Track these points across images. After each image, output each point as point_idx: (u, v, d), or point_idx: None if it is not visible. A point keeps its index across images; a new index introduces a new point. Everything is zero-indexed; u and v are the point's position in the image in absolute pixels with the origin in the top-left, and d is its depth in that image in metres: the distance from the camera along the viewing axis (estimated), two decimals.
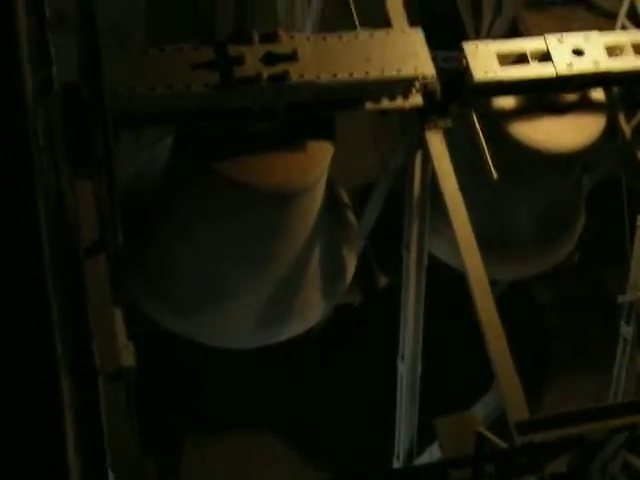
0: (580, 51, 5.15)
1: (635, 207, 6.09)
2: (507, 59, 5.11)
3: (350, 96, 4.82)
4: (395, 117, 5.70)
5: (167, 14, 8.53)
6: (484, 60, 5.03)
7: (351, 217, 5.91)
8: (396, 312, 5.43)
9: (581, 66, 5.10)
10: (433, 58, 4.98)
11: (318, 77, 4.55)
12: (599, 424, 4.04)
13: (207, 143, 4.72)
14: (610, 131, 5.92)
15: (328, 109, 4.93)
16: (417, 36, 4.92)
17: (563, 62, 5.08)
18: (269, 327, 5.39)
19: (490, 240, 5.63)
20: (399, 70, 4.77)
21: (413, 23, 5.29)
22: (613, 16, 5.99)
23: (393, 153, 6.10)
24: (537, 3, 7.70)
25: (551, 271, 6.64)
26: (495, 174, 5.05)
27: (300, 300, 5.40)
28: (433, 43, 5.26)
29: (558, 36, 5.15)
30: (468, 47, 5.06)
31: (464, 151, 5.34)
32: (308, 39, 4.65)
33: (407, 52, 4.85)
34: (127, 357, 3.52)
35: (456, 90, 5.13)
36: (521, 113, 5.52)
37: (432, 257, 5.55)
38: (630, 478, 4.03)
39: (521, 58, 5.12)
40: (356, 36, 4.82)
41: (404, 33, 4.91)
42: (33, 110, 2.71)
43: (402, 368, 5.35)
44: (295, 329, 5.49)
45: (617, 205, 6.66)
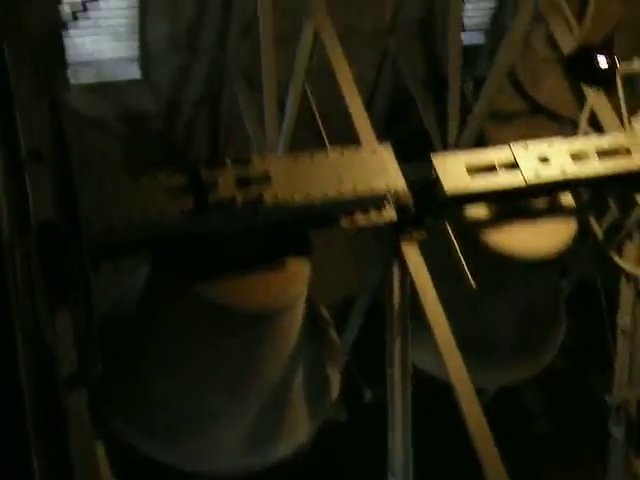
0: (546, 158, 5.27)
1: (613, 307, 6.13)
2: (476, 169, 5.20)
3: (325, 214, 4.88)
4: (370, 231, 5.75)
5: (142, 144, 8.70)
6: (453, 171, 5.13)
7: (332, 333, 5.89)
8: (384, 426, 5.36)
9: (548, 173, 5.20)
10: (403, 172, 5.07)
11: (292, 197, 4.62)
12: None
13: (184, 267, 4.73)
14: (583, 233, 6.00)
15: (303, 228, 4.98)
16: (386, 152, 5.02)
17: (531, 170, 5.19)
18: (256, 451, 5.29)
19: (473, 348, 5.60)
20: (371, 186, 4.85)
21: (381, 139, 5.42)
22: (575, 124, 6.16)
23: (370, 265, 6.15)
24: (500, 114, 7.94)
25: (537, 376, 6.62)
26: (473, 283, 5.09)
27: (286, 421, 5.32)
28: (402, 157, 5.40)
29: (523, 144, 5.27)
30: (437, 159, 5.16)
31: (441, 259, 5.38)
32: (280, 160, 4.74)
33: (378, 168, 4.94)
34: None
35: (428, 202, 5.20)
36: (494, 221, 5.60)
37: (416, 368, 5.52)
38: None
39: (489, 168, 5.22)
40: (327, 155, 4.91)
41: (374, 150, 5.01)
42: (9, 247, 2.73)
43: None
44: (283, 451, 5.39)
45: (596, 306, 6.72)
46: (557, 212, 5.66)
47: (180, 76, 8.58)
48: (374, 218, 4.97)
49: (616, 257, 5.98)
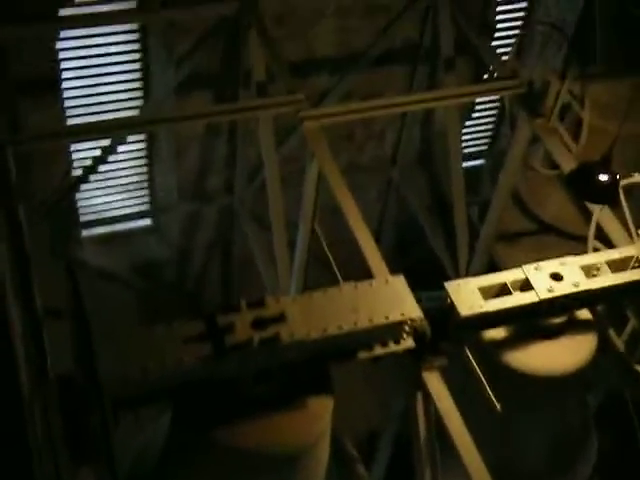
0: (559, 276, 5.28)
1: None
2: (490, 292, 5.21)
3: (342, 348, 4.87)
4: (389, 360, 5.73)
5: (155, 293, 8.78)
6: (468, 296, 5.13)
7: (360, 469, 5.78)
8: None
9: (562, 290, 5.20)
10: (418, 300, 5.08)
11: (308, 335, 4.62)
12: None
13: (205, 413, 4.69)
14: (604, 347, 5.95)
15: (322, 363, 4.96)
16: (400, 283, 5.05)
17: (544, 288, 5.19)
18: None
19: (504, 473, 5.47)
20: (387, 317, 4.85)
21: (393, 269, 5.47)
22: (582, 239, 6.21)
23: (393, 396, 6.08)
24: (508, 236, 8.03)
25: None
26: (498, 406, 5.02)
27: None
28: (416, 284, 5.43)
29: (535, 265, 5.30)
30: (450, 286, 5.18)
31: (464, 384, 5.33)
32: (294, 300, 4.76)
33: (392, 299, 4.95)
34: None
35: (445, 328, 5.19)
36: (513, 341, 5.57)
37: None
38: None
39: (503, 290, 5.23)
40: (340, 290, 4.93)
41: (387, 282, 5.04)
42: (29, 402, 2.73)
43: None
44: None
45: (626, 419, 6.58)
46: (575, 327, 5.63)
47: (190, 223, 8.75)
48: (392, 348, 4.95)
49: None
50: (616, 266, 5.47)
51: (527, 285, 5.24)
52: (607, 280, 5.37)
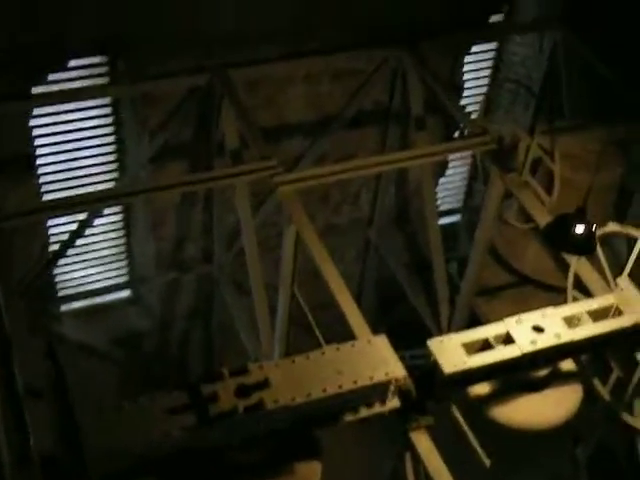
0: (540, 328, 5.30)
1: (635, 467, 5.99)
2: (473, 348, 5.21)
3: (328, 411, 4.84)
4: (376, 421, 5.69)
5: (136, 364, 8.70)
6: (451, 353, 5.13)
7: None
8: None
9: (544, 342, 5.21)
10: (402, 359, 5.07)
11: (293, 400, 4.59)
12: None
13: None
14: (590, 397, 5.94)
15: (308, 428, 4.92)
16: (382, 342, 5.04)
17: (526, 341, 5.20)
18: None
19: None
20: (371, 377, 4.83)
21: (375, 328, 5.47)
22: (561, 290, 6.25)
23: (382, 457, 6.01)
24: (488, 290, 8.06)
25: None
26: (487, 461, 4.98)
27: None
28: (399, 343, 5.42)
29: (516, 318, 5.31)
30: (433, 343, 5.17)
31: (452, 442, 5.29)
32: (277, 365, 4.74)
33: (376, 359, 4.94)
34: None
35: (430, 386, 5.18)
36: (498, 396, 5.54)
37: None
38: None
39: (486, 345, 5.24)
40: (323, 352, 4.92)
41: (369, 342, 5.03)
42: None
43: None
44: None
45: (617, 469, 6.54)
46: (560, 379, 5.62)
47: (170, 293, 8.73)
48: (378, 409, 4.93)
49: (627, 416, 5.90)
50: (597, 315, 5.50)
51: (509, 339, 5.25)
52: (589, 330, 5.39)
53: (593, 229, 5.52)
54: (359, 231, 9.21)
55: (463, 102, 8.72)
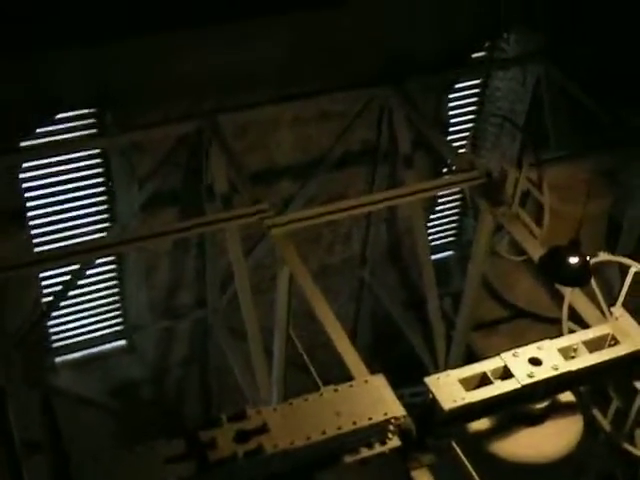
0: (537, 360, 5.29)
1: None
2: (471, 383, 5.20)
3: (327, 454, 4.80)
4: (377, 461, 5.65)
5: (134, 413, 8.64)
6: (449, 389, 5.11)
7: None
8: None
9: (542, 374, 5.20)
10: (400, 398, 5.05)
11: (292, 443, 4.56)
12: None
13: None
14: (590, 429, 5.92)
15: (309, 471, 4.88)
16: (380, 382, 5.02)
17: (524, 374, 5.19)
18: None
19: None
20: (370, 418, 4.80)
21: (373, 367, 5.45)
22: (556, 321, 6.25)
23: None
24: (484, 324, 8.06)
25: None
26: None
27: None
28: (397, 381, 5.41)
29: (513, 352, 5.30)
30: (431, 381, 5.15)
31: (454, 479, 5.26)
32: (275, 409, 4.71)
33: (374, 399, 4.92)
34: None
35: (429, 424, 5.15)
36: (498, 430, 5.53)
37: None
38: None
39: (484, 380, 5.22)
40: (321, 394, 4.90)
41: (367, 382, 5.01)
42: None
43: None
44: None
45: None
46: (560, 411, 5.60)
47: (165, 340, 8.70)
48: (378, 449, 4.89)
49: (628, 446, 5.87)
50: (593, 346, 5.50)
51: (507, 373, 5.24)
52: (585, 361, 5.39)
53: (588, 260, 5.54)
54: (352, 270, 9.22)
55: (450, 138, 8.79)
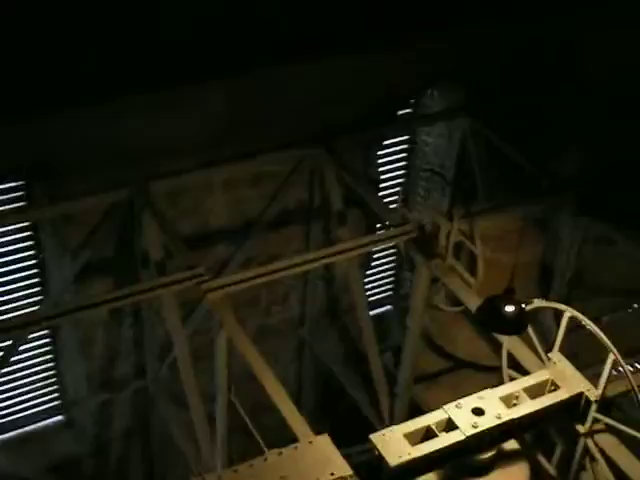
0: (480, 410, 5.33)
1: None
2: (416, 438, 5.20)
3: None
4: None
5: None
6: (394, 445, 5.11)
7: None
8: None
9: (486, 424, 5.24)
10: (347, 457, 5.02)
11: None
12: None
13: None
14: (537, 475, 5.94)
15: None
16: (325, 442, 5.00)
17: (468, 425, 5.23)
18: None
19: None
20: (317, 479, 4.76)
21: (318, 427, 5.40)
22: (497, 370, 6.30)
23: None
24: (426, 377, 8.08)
25: None
26: None
27: None
28: (343, 439, 5.37)
29: (456, 403, 5.33)
30: (376, 437, 5.16)
31: None
32: (219, 477, 4.65)
33: (320, 459, 4.89)
34: None
35: None
36: None
37: None
38: None
39: (428, 433, 5.23)
40: (266, 459, 4.84)
41: (312, 443, 4.97)
42: None
43: None
44: None
45: None
46: (505, 459, 5.62)
47: (104, 413, 8.51)
48: None
49: None
50: (534, 392, 5.56)
51: (451, 424, 5.26)
52: (527, 407, 5.45)
53: (523, 308, 5.62)
54: (292, 331, 9.18)
55: (381, 194, 8.89)
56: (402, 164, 9.12)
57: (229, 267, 8.03)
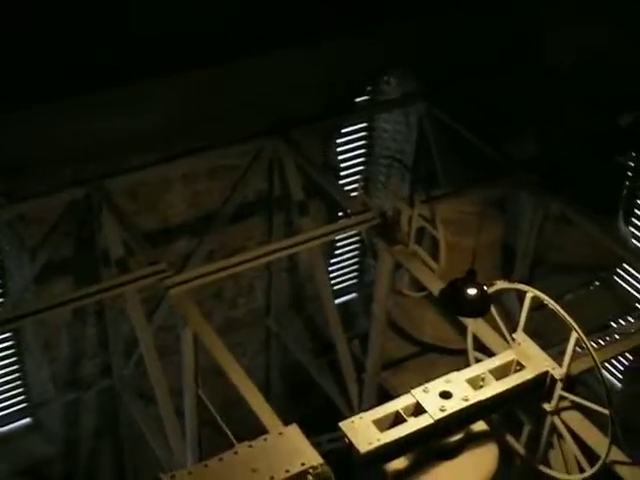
0: (448, 393, 5.35)
1: None
2: (385, 424, 5.21)
3: None
4: None
5: None
6: (364, 432, 5.11)
7: None
8: None
9: (453, 407, 5.26)
10: (318, 445, 5.02)
11: None
12: None
13: None
14: (506, 454, 5.99)
15: None
16: (295, 432, 4.98)
17: (436, 409, 5.24)
18: None
19: None
20: (288, 470, 4.76)
21: (287, 418, 5.40)
22: (463, 352, 6.34)
23: None
24: (393, 362, 8.10)
25: None
26: None
27: None
28: (314, 429, 5.38)
29: (423, 387, 5.35)
30: (345, 425, 5.15)
31: None
32: (190, 472, 4.62)
33: (290, 450, 4.87)
34: None
35: (348, 468, 5.13)
36: (417, 467, 5.53)
37: None
38: None
39: (397, 418, 5.24)
40: (236, 452, 4.82)
41: (281, 434, 4.96)
42: None
43: None
44: None
45: None
46: (475, 441, 5.65)
47: (72, 413, 8.46)
48: None
49: (544, 468, 5.96)
50: (499, 373, 5.59)
51: (419, 409, 5.27)
52: (494, 389, 5.47)
53: (485, 290, 5.65)
54: (258, 322, 9.17)
55: (342, 182, 8.89)
56: (361, 151, 9.13)
57: (192, 261, 7.99)
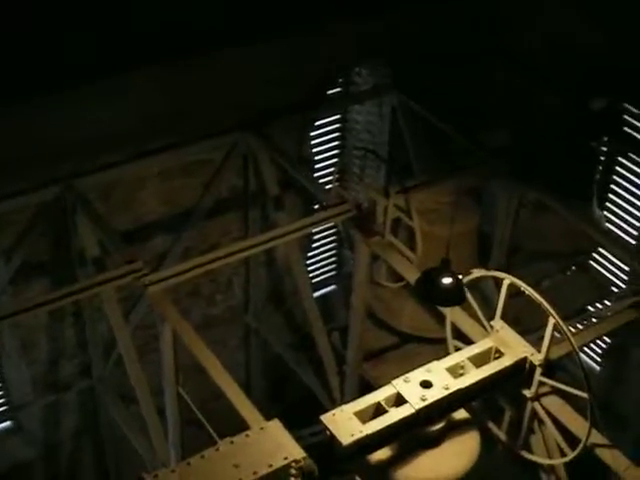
0: (428, 383, 5.36)
1: None
2: (367, 415, 5.22)
3: None
4: None
5: None
6: (345, 424, 5.11)
7: None
8: None
9: (434, 396, 5.28)
10: (300, 439, 5.02)
11: None
12: None
13: None
14: (488, 441, 6.02)
15: None
16: (276, 427, 4.98)
17: (417, 398, 5.25)
18: None
19: None
20: (270, 465, 4.76)
21: (272, 415, 5.38)
22: (443, 341, 6.36)
23: None
24: (373, 354, 8.11)
25: None
26: None
27: None
28: (296, 422, 5.37)
29: (404, 377, 5.36)
30: (327, 418, 5.16)
31: None
32: (173, 471, 4.61)
33: (272, 445, 4.87)
34: None
35: (331, 461, 5.13)
36: (399, 457, 5.54)
37: None
38: None
39: (379, 409, 5.25)
40: (218, 449, 4.82)
41: (263, 429, 4.96)
42: None
43: None
44: None
45: None
46: (456, 429, 5.68)
47: (52, 414, 8.41)
48: None
49: (526, 453, 6.00)
50: (479, 361, 5.62)
51: (401, 399, 5.29)
52: (474, 376, 5.50)
53: (460, 278, 5.66)
54: (237, 318, 9.15)
55: (317, 175, 8.88)
56: (335, 143, 9.12)
57: (168, 259, 7.96)
